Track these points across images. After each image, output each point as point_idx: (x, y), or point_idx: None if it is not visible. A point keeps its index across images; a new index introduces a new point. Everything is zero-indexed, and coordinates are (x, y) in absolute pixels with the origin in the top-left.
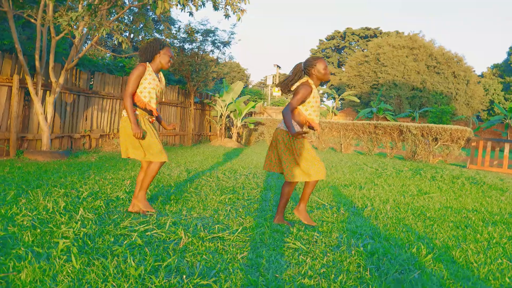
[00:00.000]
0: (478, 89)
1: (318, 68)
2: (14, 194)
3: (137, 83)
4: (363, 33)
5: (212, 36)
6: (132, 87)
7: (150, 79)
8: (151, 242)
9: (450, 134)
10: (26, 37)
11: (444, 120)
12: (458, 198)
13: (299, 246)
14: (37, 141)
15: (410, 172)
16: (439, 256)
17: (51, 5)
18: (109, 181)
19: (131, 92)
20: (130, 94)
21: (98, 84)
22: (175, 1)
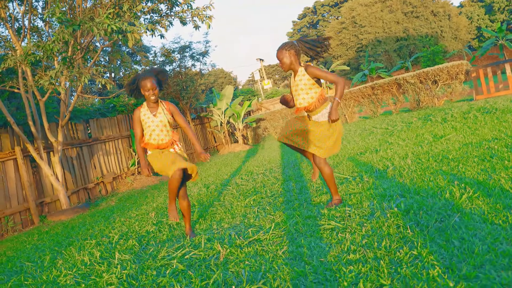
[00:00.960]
0: (462, 20)
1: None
2: (50, 258)
3: (138, 128)
4: (332, 2)
5: (189, 51)
6: (136, 133)
7: (145, 118)
8: (192, 264)
9: (448, 72)
10: (15, 107)
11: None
12: (475, 132)
13: (334, 225)
14: (55, 202)
15: (420, 121)
16: (473, 193)
17: (28, 71)
18: (134, 219)
19: (138, 138)
20: (138, 140)
21: (96, 130)
22: (143, 29)
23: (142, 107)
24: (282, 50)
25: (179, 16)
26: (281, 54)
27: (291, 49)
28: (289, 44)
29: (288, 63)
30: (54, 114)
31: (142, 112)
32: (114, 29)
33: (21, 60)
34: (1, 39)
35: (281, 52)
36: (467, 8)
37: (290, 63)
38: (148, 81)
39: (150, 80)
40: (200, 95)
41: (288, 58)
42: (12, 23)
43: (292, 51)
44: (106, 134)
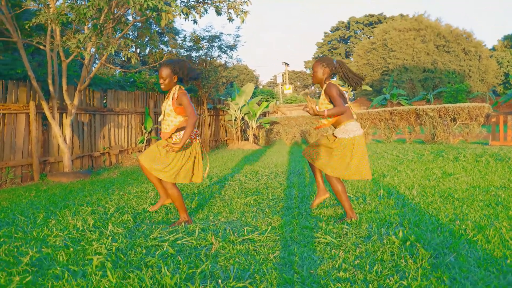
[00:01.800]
0: (491, 63)
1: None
2: (44, 216)
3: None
4: (367, 21)
5: (218, 41)
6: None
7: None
8: (182, 250)
9: (468, 112)
10: (37, 63)
11: (459, 99)
12: (484, 177)
13: (330, 240)
14: (59, 163)
15: (432, 155)
16: (472, 237)
17: (58, 30)
18: (133, 195)
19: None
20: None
21: (112, 101)
22: (178, 11)
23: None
24: (319, 63)
25: (215, 5)
26: (317, 67)
27: (328, 67)
28: (328, 61)
29: (319, 77)
30: (74, 78)
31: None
32: (150, 6)
33: (53, 18)
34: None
35: (317, 65)
36: (498, 52)
37: (321, 78)
38: (162, 70)
39: (165, 69)
40: (220, 86)
41: (321, 73)
42: None
43: (328, 69)
44: (121, 107)
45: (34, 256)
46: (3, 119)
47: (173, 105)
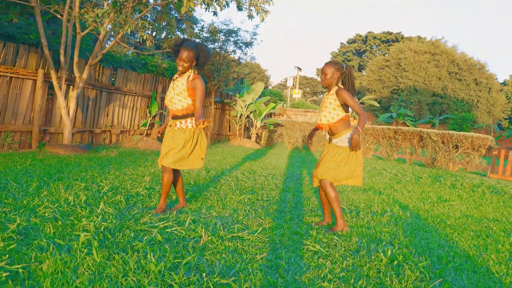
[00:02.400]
0: (500, 97)
1: None
2: (36, 185)
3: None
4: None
5: (235, 36)
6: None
7: (172, 83)
8: (171, 239)
9: (471, 142)
10: (52, 32)
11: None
12: (478, 207)
13: (318, 249)
14: (58, 134)
15: (430, 179)
16: (460, 265)
17: (77, 2)
18: (129, 176)
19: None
20: None
21: (121, 80)
22: (200, 0)
23: (176, 75)
24: (331, 65)
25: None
26: (329, 68)
27: (339, 70)
28: (340, 64)
29: (330, 80)
30: (86, 51)
31: (174, 77)
32: None
33: None
34: None
35: (329, 67)
36: (509, 87)
37: (331, 81)
38: (185, 52)
39: (188, 52)
40: (230, 81)
41: (332, 76)
42: None
43: (339, 72)
44: (129, 87)
45: (22, 224)
46: (9, 82)
47: (187, 85)
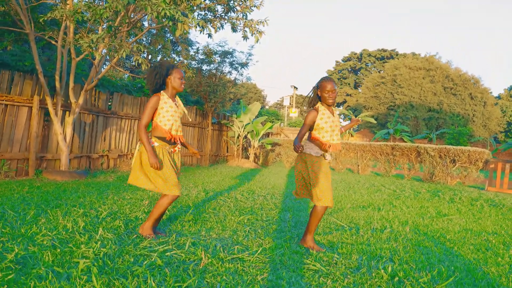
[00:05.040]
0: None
1: None
2: (34, 213)
3: (151, 114)
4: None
5: (230, 58)
6: (146, 118)
7: (167, 107)
8: (171, 262)
9: (468, 156)
10: (47, 58)
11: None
12: (477, 221)
13: (319, 267)
14: (56, 160)
15: (428, 194)
16: (460, 279)
17: (71, 27)
18: (127, 201)
19: (145, 124)
20: (144, 125)
21: (117, 104)
22: (195, 23)
23: (162, 95)
24: (334, 83)
25: (232, 22)
26: (334, 86)
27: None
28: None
29: (335, 98)
30: (82, 77)
31: (163, 100)
32: (167, 14)
33: (69, 15)
34: None
35: (334, 84)
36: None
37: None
38: (181, 70)
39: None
40: (227, 102)
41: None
42: None
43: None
44: (125, 111)
45: (20, 253)
46: (4, 110)
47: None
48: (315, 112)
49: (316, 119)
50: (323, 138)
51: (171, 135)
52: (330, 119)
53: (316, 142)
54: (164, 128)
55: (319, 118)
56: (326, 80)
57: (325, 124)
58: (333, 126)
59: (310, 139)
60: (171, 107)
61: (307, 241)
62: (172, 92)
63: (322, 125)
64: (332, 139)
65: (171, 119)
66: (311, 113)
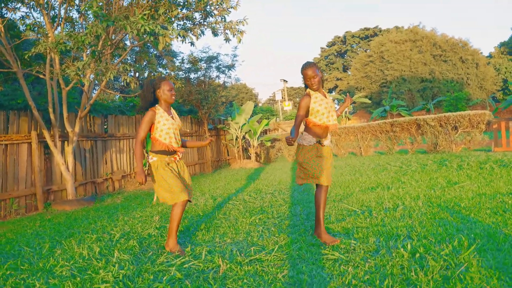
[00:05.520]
0: (489, 70)
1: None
2: (49, 246)
3: (147, 129)
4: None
5: (216, 62)
6: (142, 133)
7: (163, 120)
8: (190, 274)
9: (469, 120)
10: (37, 92)
11: (459, 107)
12: (489, 184)
13: (338, 256)
14: (62, 191)
15: (435, 165)
16: (482, 245)
17: (57, 59)
18: (138, 219)
19: (141, 138)
20: (140, 140)
21: (113, 126)
22: (175, 34)
23: (157, 109)
24: (314, 67)
25: (212, 26)
26: (314, 69)
27: (319, 70)
28: (317, 65)
29: (319, 81)
30: (75, 105)
31: (159, 114)
32: (147, 30)
33: (52, 47)
34: (36, 25)
35: (313, 67)
36: (495, 59)
37: (320, 83)
38: (168, 82)
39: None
40: (220, 106)
41: (319, 77)
42: (49, 10)
43: (320, 72)
44: (122, 132)
45: (42, 287)
46: (5, 150)
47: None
48: (308, 97)
49: (310, 104)
50: (319, 121)
51: (173, 147)
52: (324, 101)
53: (312, 130)
54: (164, 142)
55: (313, 102)
56: (305, 68)
57: (320, 106)
58: (328, 107)
59: (306, 127)
60: (167, 120)
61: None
62: (165, 105)
63: (318, 108)
64: (329, 121)
65: (170, 132)
66: (304, 99)
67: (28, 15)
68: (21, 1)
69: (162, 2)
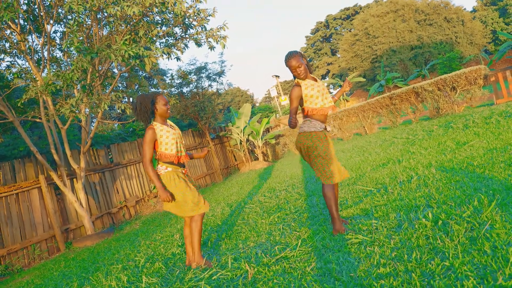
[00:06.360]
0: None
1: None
2: (77, 284)
3: (151, 148)
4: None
5: (205, 72)
6: (148, 154)
7: (165, 133)
8: (220, 285)
9: (466, 78)
10: (37, 136)
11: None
12: (498, 137)
13: (362, 238)
14: (80, 228)
15: (441, 129)
16: (502, 200)
17: (49, 100)
18: (159, 241)
19: (149, 159)
20: (149, 160)
21: (117, 155)
22: (160, 53)
23: (155, 125)
24: (297, 56)
25: (194, 38)
26: (297, 59)
27: (303, 57)
28: (300, 52)
29: (305, 69)
30: (76, 141)
31: (158, 128)
32: (131, 55)
33: (42, 90)
34: (23, 72)
35: (296, 57)
36: (480, 12)
37: (306, 70)
38: (162, 96)
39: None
40: (218, 114)
41: (305, 64)
42: (32, 55)
43: (304, 59)
44: (127, 158)
45: None
46: (17, 198)
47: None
48: (297, 86)
49: (301, 92)
50: (316, 105)
51: (179, 157)
52: (315, 85)
53: (313, 116)
54: (172, 153)
55: (304, 89)
56: (288, 59)
57: (312, 91)
58: (320, 90)
59: (306, 116)
60: (168, 132)
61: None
62: (161, 119)
63: (311, 93)
64: (324, 104)
65: (173, 142)
66: (294, 89)
67: (13, 64)
68: (3, 51)
69: (141, 24)
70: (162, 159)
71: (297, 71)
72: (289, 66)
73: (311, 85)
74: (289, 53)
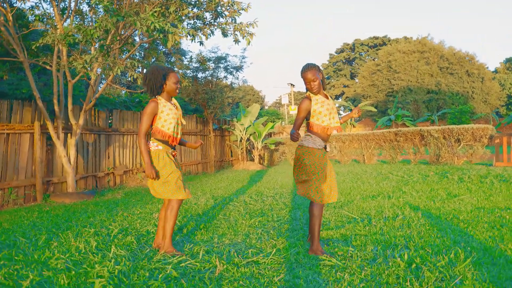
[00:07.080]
0: (494, 85)
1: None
2: (46, 238)
3: (150, 121)
4: (372, 43)
5: (224, 63)
6: (145, 125)
7: (167, 110)
8: (186, 273)
9: (472, 134)
10: (43, 83)
11: (463, 120)
12: (489, 198)
13: (335, 262)
14: (62, 183)
15: (437, 176)
16: (478, 259)
17: (64, 50)
18: (137, 216)
19: (144, 131)
20: (144, 133)
21: (117, 121)
22: (185, 33)
23: (159, 99)
24: (314, 70)
25: (221, 27)
26: (314, 72)
27: (320, 71)
28: (318, 66)
29: (320, 84)
30: (80, 98)
31: (162, 104)
32: (157, 27)
33: (60, 39)
34: (45, 16)
35: (313, 70)
36: (501, 75)
37: (320, 85)
38: (176, 74)
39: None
40: (226, 107)
41: (319, 80)
42: (59, 2)
43: (321, 74)
44: (126, 127)
45: (35, 279)
46: (7, 139)
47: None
48: (308, 100)
49: (311, 106)
50: (323, 123)
51: (174, 138)
52: (325, 103)
53: (316, 134)
54: (168, 132)
55: (314, 104)
56: (304, 71)
57: (322, 108)
58: (329, 109)
59: (310, 131)
60: (171, 110)
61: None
62: (167, 96)
63: (320, 110)
64: (331, 122)
65: (173, 121)
66: (304, 101)
67: (38, 6)
68: None
69: (173, 1)
70: (156, 135)
71: (311, 85)
72: (304, 78)
73: (322, 101)
74: (306, 65)
